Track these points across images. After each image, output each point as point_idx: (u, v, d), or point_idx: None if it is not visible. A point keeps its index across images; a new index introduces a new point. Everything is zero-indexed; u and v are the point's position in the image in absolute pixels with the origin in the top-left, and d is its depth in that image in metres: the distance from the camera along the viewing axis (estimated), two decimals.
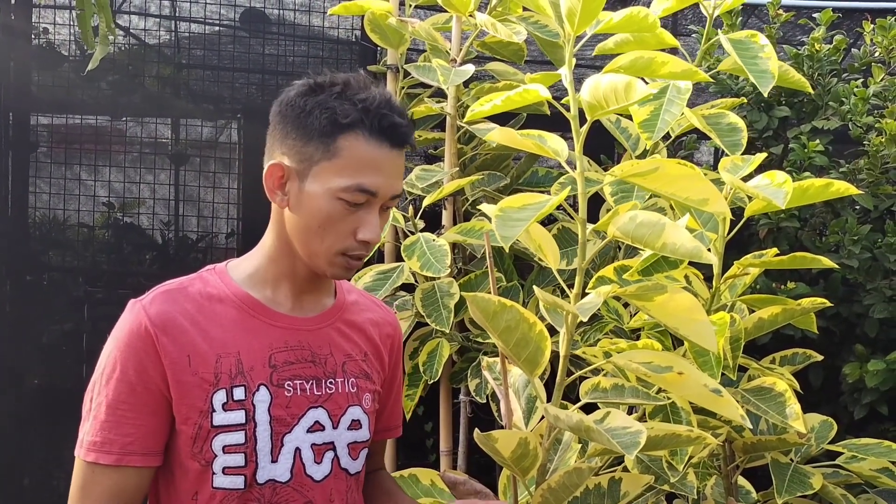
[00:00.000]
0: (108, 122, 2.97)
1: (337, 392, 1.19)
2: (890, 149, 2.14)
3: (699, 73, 1.32)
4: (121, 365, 1.10)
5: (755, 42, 1.50)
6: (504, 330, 1.21)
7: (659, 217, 1.17)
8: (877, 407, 2.08)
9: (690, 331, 1.21)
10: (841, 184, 1.48)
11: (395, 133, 1.12)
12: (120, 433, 1.09)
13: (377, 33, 2.04)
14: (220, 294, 1.15)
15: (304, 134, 1.12)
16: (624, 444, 1.10)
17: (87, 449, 1.10)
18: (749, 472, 1.75)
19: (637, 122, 1.40)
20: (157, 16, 2.95)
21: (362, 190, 1.10)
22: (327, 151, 1.10)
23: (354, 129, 1.10)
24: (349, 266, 1.15)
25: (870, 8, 2.84)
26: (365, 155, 1.11)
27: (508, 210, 1.17)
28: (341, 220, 1.11)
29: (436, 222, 2.14)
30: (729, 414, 1.23)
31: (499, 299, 1.21)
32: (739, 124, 1.60)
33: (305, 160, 1.12)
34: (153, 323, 1.10)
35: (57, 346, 2.90)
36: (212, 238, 3.06)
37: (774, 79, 1.46)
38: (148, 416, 1.09)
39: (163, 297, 1.13)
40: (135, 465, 1.09)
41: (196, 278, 1.18)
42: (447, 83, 1.74)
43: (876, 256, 2.11)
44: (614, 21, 1.31)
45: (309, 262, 1.15)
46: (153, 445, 1.10)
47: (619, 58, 1.28)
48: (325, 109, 1.10)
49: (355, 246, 1.13)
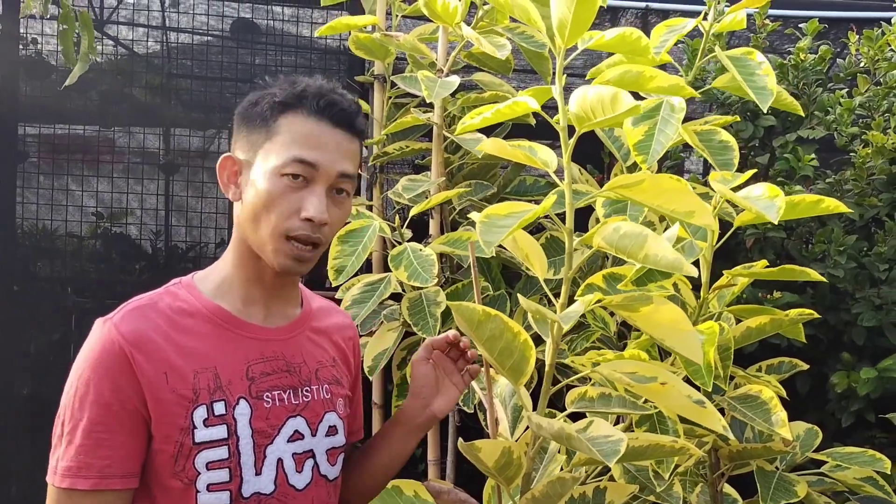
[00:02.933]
0: (97, 132, 2.97)
1: (313, 399, 1.19)
2: (876, 160, 2.15)
3: (686, 87, 1.32)
4: (94, 386, 1.06)
5: (752, 59, 1.52)
6: (488, 339, 1.22)
7: (642, 228, 1.17)
8: (864, 414, 2.09)
9: (676, 342, 1.22)
10: (831, 201, 1.48)
11: (333, 111, 1.12)
12: (97, 456, 1.05)
13: (363, 49, 2.06)
14: (190, 308, 1.13)
15: (251, 123, 1.14)
16: (604, 452, 1.11)
17: (61, 475, 1.06)
18: (735, 479, 1.75)
19: (631, 143, 1.40)
20: (146, 26, 2.95)
21: (300, 161, 1.10)
22: (268, 132, 1.12)
23: (294, 109, 1.12)
24: (298, 255, 1.12)
25: (856, 18, 2.86)
26: (302, 130, 1.11)
27: (493, 217, 1.18)
28: (283, 199, 1.10)
29: (424, 232, 2.14)
30: (712, 425, 1.23)
31: (483, 308, 1.21)
32: (731, 142, 1.60)
33: (252, 148, 1.13)
34: (127, 340, 1.06)
35: (45, 355, 2.89)
36: (201, 248, 3.06)
37: (773, 95, 1.47)
38: (126, 437, 1.06)
39: (133, 314, 1.10)
40: (114, 489, 1.06)
41: (164, 293, 1.15)
42: (432, 97, 1.74)
43: (864, 265, 2.13)
44: (605, 39, 1.32)
45: (261, 254, 1.13)
46: (131, 467, 1.07)
47: (607, 71, 1.28)
48: (268, 96, 1.13)
49: (299, 226, 1.10)
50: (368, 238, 1.83)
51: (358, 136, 1.17)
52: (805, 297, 2.15)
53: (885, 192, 2.17)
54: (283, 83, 1.14)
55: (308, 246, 1.12)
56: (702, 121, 1.96)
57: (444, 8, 1.84)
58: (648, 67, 1.28)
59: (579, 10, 1.19)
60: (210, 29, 2.94)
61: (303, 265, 1.14)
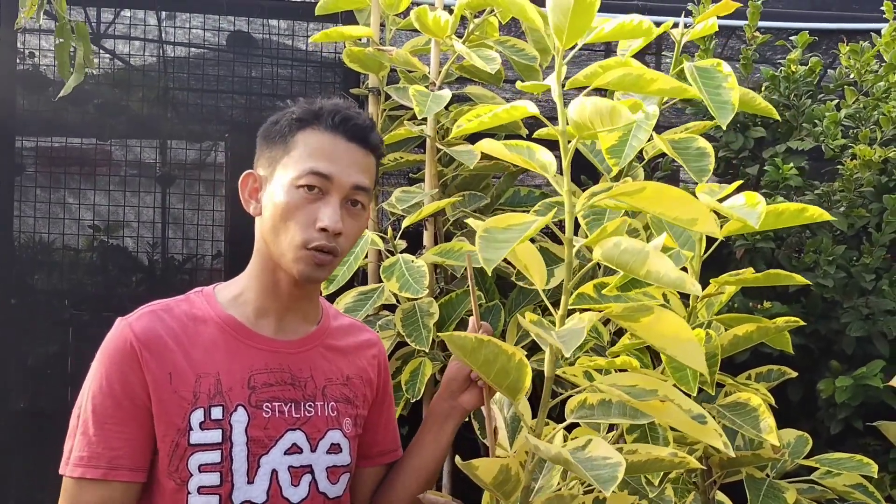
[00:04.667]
0: (94, 145, 2.98)
1: (316, 415, 1.20)
2: (863, 173, 2.17)
3: (689, 90, 1.31)
4: (106, 380, 1.12)
5: (720, 71, 1.50)
6: (483, 363, 1.22)
7: (643, 244, 1.17)
8: (851, 422, 2.10)
9: (678, 351, 1.22)
10: (815, 209, 1.49)
11: (347, 126, 1.17)
12: (108, 447, 1.10)
13: (357, 62, 2.09)
14: (204, 315, 1.18)
15: (271, 141, 1.19)
16: (601, 478, 1.10)
17: (73, 465, 1.11)
18: (728, 487, 1.77)
19: (604, 147, 1.41)
20: (143, 39, 2.98)
21: (315, 173, 1.14)
22: (286, 148, 1.17)
23: (310, 125, 1.17)
24: (316, 261, 1.15)
25: (846, 29, 2.89)
26: (318, 144, 1.16)
27: (493, 230, 1.17)
28: (301, 211, 1.14)
29: (419, 243, 2.16)
30: (712, 441, 1.24)
31: (475, 337, 1.22)
32: (708, 149, 1.60)
33: (271, 163, 1.18)
34: (138, 339, 1.12)
35: (42, 368, 2.90)
36: (198, 260, 3.07)
37: (734, 111, 1.46)
38: (135, 430, 1.11)
39: (149, 316, 1.16)
40: (122, 480, 1.10)
41: (183, 300, 1.21)
42: (423, 112, 1.76)
43: (852, 275, 2.15)
44: (605, 31, 1.28)
45: (281, 264, 1.17)
46: (140, 461, 1.12)
47: (606, 74, 1.26)
48: (287, 115, 1.19)
49: (316, 236, 1.14)
50: (361, 249, 1.85)
51: (373, 151, 1.21)
52: (796, 306, 2.17)
53: (873, 202, 2.20)
54: (303, 103, 1.20)
55: (326, 255, 1.16)
56: (682, 128, 1.98)
57: (436, 22, 1.86)
58: (648, 70, 1.26)
59: (577, 9, 1.18)
60: (206, 43, 2.96)
61: (322, 270, 1.17)
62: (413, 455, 1.34)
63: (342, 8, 2.18)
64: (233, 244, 2.97)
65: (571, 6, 1.18)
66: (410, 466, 1.33)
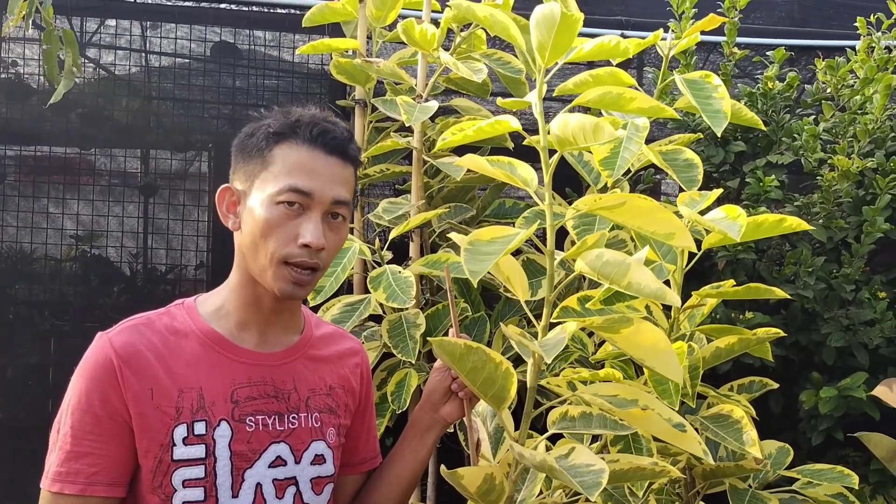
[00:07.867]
0: (77, 154, 2.97)
1: (300, 427, 1.20)
2: (842, 184, 2.21)
3: (666, 109, 1.34)
4: (86, 396, 1.11)
5: (709, 82, 1.54)
6: (470, 370, 1.24)
7: (625, 256, 1.19)
8: (832, 433, 2.12)
9: (657, 362, 1.24)
10: (793, 219, 1.52)
11: (326, 139, 1.16)
12: (86, 463, 1.10)
13: (344, 74, 2.09)
14: (185, 329, 1.17)
15: (247, 154, 1.17)
16: (586, 484, 1.12)
17: (52, 479, 1.10)
18: (711, 498, 1.78)
19: (598, 159, 1.44)
20: (127, 48, 2.97)
21: (295, 189, 1.13)
22: (264, 162, 1.15)
23: (288, 139, 1.15)
24: (297, 280, 1.14)
25: (823, 46, 2.94)
26: (297, 159, 1.15)
27: (477, 243, 1.19)
28: (281, 227, 1.13)
29: (404, 254, 2.17)
30: (692, 449, 1.26)
31: (464, 343, 1.23)
32: (695, 160, 1.64)
33: (249, 178, 1.17)
34: (117, 355, 1.11)
35: (23, 380, 2.87)
36: (181, 270, 3.06)
37: (727, 119, 1.50)
38: (114, 446, 1.10)
39: (129, 330, 1.15)
40: (100, 495, 1.10)
41: (164, 313, 1.20)
42: (411, 121, 1.78)
43: (833, 286, 2.18)
44: (585, 51, 1.33)
45: (261, 281, 1.16)
46: (118, 476, 1.11)
47: (587, 91, 1.29)
48: (263, 127, 1.17)
49: (297, 252, 1.13)
50: (348, 260, 1.85)
51: (351, 163, 1.20)
52: (777, 317, 2.19)
53: (851, 215, 2.23)
54: (278, 114, 1.18)
55: (307, 270, 1.15)
56: (666, 140, 2.01)
57: (422, 35, 1.88)
58: (628, 89, 1.30)
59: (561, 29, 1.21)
60: (191, 53, 2.96)
61: (302, 289, 1.16)
62: (392, 465, 1.34)
63: (329, 20, 2.19)
64: (215, 254, 2.96)
65: (556, 26, 1.20)
66: (389, 475, 1.33)
